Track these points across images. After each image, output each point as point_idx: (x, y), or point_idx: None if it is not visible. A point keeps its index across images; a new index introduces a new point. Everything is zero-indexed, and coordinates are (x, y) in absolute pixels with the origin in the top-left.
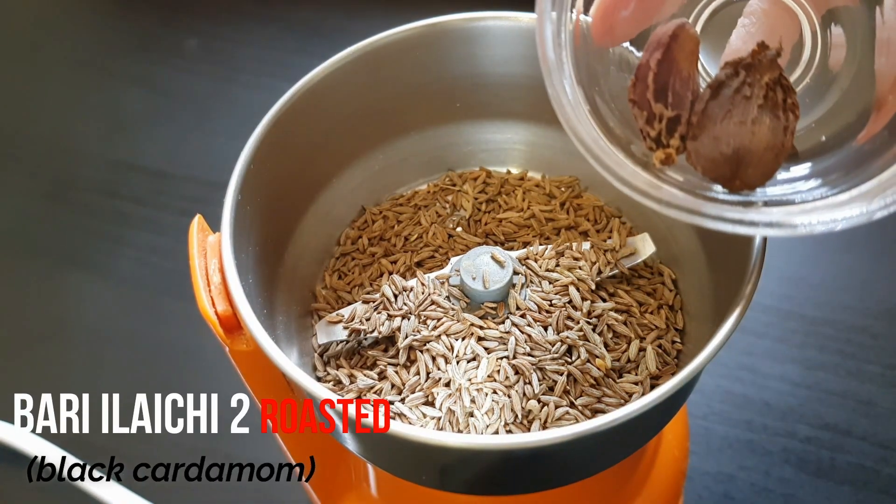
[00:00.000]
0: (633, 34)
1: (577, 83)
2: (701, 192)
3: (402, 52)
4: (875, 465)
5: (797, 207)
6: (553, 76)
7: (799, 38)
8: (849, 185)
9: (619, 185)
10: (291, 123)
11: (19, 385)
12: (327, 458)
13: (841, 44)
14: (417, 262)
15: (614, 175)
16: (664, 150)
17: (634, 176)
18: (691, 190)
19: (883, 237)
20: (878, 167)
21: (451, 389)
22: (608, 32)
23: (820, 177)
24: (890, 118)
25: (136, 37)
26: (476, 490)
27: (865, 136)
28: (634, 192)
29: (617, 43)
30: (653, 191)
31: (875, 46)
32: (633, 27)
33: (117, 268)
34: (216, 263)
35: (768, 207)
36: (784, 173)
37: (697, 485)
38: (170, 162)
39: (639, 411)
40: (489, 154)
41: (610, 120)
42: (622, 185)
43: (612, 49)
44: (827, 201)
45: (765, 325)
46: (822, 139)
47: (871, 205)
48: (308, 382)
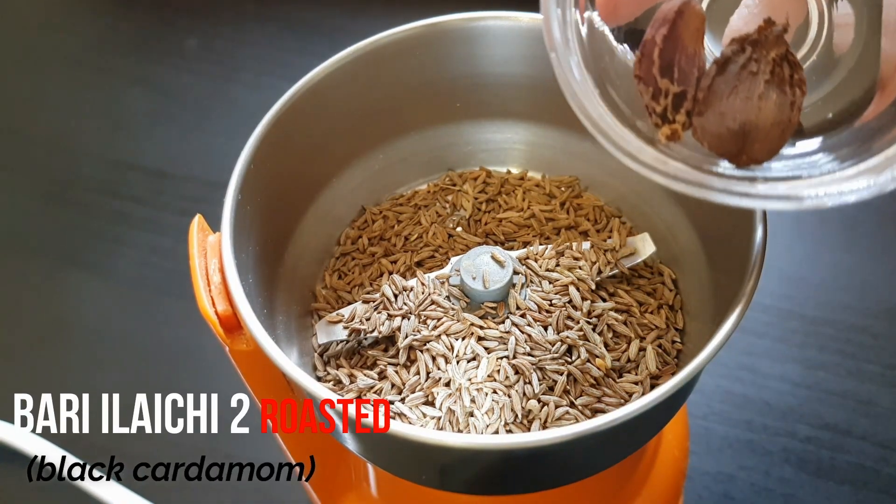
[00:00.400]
0: (638, 12)
1: (583, 62)
2: (707, 167)
3: (402, 51)
4: (875, 464)
5: (804, 182)
6: (560, 55)
7: (805, 18)
8: (856, 160)
9: (626, 159)
10: (291, 123)
11: (19, 385)
12: (327, 458)
13: (847, 23)
14: (417, 262)
15: (621, 150)
16: (670, 125)
17: (641, 151)
18: (698, 165)
19: (883, 237)
20: (886, 142)
21: (451, 389)
22: (614, 11)
23: (827, 152)
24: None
25: (136, 37)
26: (476, 490)
27: (871, 113)
28: (641, 166)
29: (622, 21)
30: (660, 165)
31: (882, 26)
32: (638, 5)
33: (117, 268)
34: (216, 263)
35: (775, 182)
36: (790, 149)
37: (697, 485)
38: (170, 162)
39: (639, 411)
40: (489, 154)
41: (616, 98)
42: (629, 160)
43: (616, 28)
44: (834, 175)
45: (765, 325)
46: (829, 116)
47: (879, 177)
48: (308, 382)
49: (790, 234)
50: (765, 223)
